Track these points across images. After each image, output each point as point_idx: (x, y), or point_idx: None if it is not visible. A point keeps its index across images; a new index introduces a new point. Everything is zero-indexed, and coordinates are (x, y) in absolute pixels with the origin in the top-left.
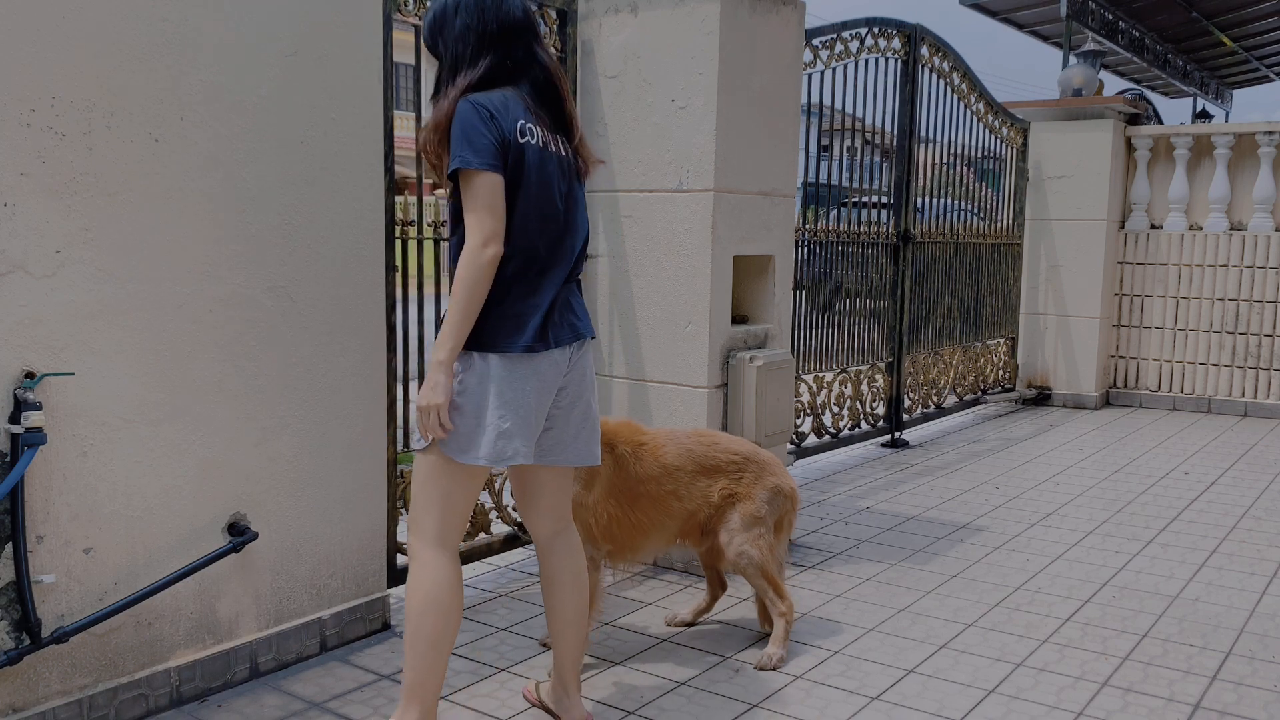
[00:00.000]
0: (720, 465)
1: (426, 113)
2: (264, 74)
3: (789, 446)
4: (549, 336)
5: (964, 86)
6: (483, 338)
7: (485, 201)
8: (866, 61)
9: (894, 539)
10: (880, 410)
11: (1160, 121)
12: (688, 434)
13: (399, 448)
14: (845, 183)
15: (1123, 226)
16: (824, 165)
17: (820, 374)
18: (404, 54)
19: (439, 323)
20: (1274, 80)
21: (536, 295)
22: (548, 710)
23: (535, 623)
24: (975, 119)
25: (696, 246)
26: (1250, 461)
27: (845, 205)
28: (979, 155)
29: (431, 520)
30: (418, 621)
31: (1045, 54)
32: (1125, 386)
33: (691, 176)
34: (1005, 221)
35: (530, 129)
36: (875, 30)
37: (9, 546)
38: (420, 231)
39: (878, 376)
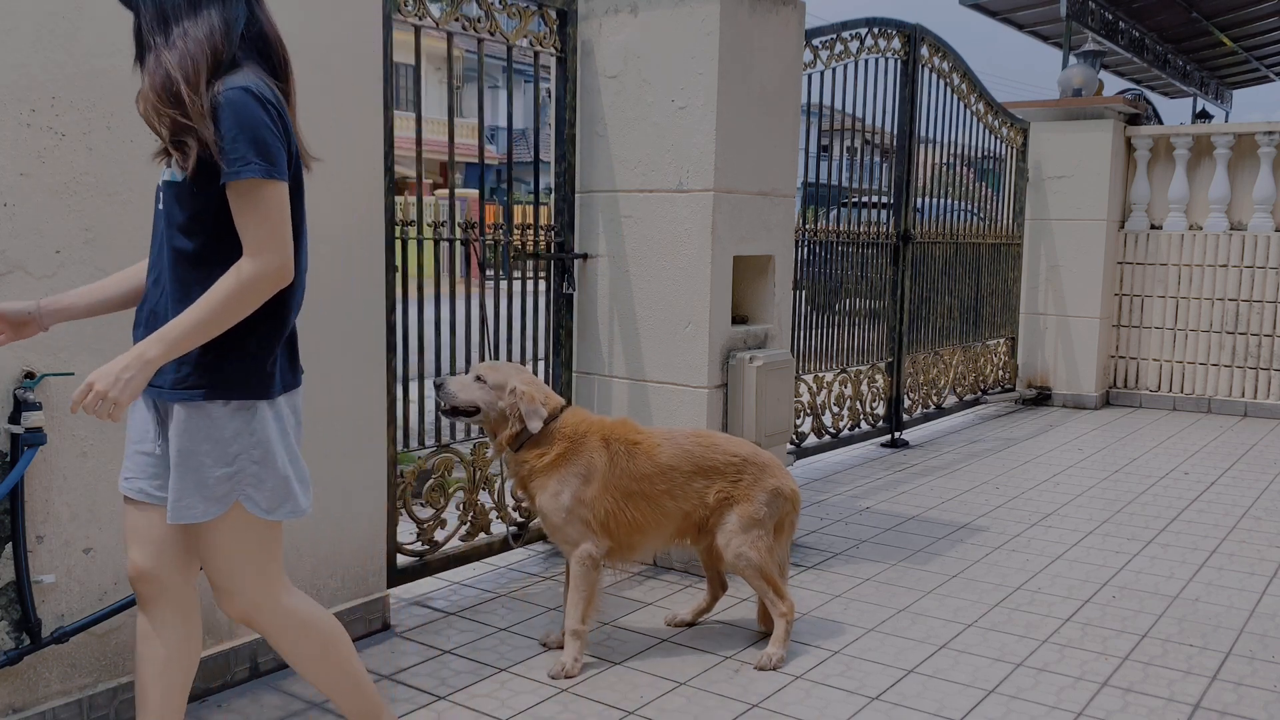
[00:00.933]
0: (718, 467)
1: (429, 113)
2: None
3: (789, 446)
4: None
5: (964, 86)
6: (273, 378)
7: (282, 218)
8: (866, 61)
9: (894, 539)
10: (880, 410)
11: (1160, 121)
12: (687, 434)
13: (399, 448)
14: (845, 183)
15: (1123, 226)
16: (824, 165)
17: (820, 374)
18: (404, 54)
19: (438, 323)
20: (1274, 80)
21: (292, 319)
22: None
23: (535, 622)
24: (975, 119)
25: (696, 247)
26: (1250, 461)
27: (845, 205)
28: (979, 155)
29: (272, 575)
30: (332, 659)
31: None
32: (1125, 386)
33: (691, 176)
34: (1005, 221)
35: (293, 130)
36: (875, 30)
37: (9, 546)
38: (420, 231)
39: (877, 376)
